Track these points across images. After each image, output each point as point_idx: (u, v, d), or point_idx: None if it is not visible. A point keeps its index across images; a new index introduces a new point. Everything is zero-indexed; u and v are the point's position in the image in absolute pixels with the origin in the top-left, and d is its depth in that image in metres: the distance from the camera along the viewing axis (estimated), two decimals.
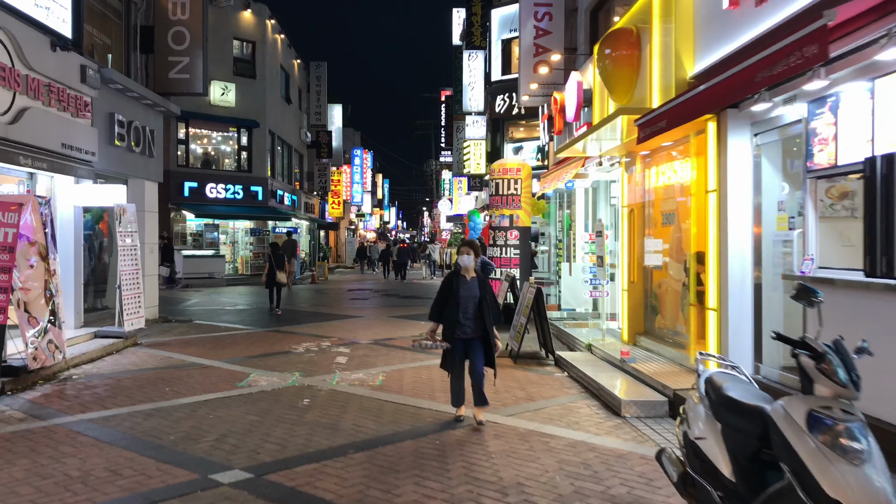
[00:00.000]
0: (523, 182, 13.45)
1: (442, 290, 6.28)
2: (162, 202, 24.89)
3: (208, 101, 25.17)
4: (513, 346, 9.74)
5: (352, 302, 18.35)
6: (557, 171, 11.13)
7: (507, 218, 13.41)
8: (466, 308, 6.08)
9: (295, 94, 33.19)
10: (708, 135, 6.68)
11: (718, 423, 3.55)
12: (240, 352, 10.01)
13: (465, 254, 6.20)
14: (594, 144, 9.34)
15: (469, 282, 6.17)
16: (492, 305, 6.19)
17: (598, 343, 9.53)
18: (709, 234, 6.76)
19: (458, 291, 6.11)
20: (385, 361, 9.29)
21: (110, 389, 7.47)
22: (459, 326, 6.09)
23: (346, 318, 14.49)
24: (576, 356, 9.18)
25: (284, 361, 9.21)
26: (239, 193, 25.93)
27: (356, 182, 48.34)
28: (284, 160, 31.41)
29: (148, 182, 13.24)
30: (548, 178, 11.95)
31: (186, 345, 10.67)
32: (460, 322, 6.08)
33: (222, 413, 6.47)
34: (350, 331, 12.34)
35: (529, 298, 9.61)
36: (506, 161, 13.65)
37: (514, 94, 26.70)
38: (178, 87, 13.60)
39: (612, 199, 11.86)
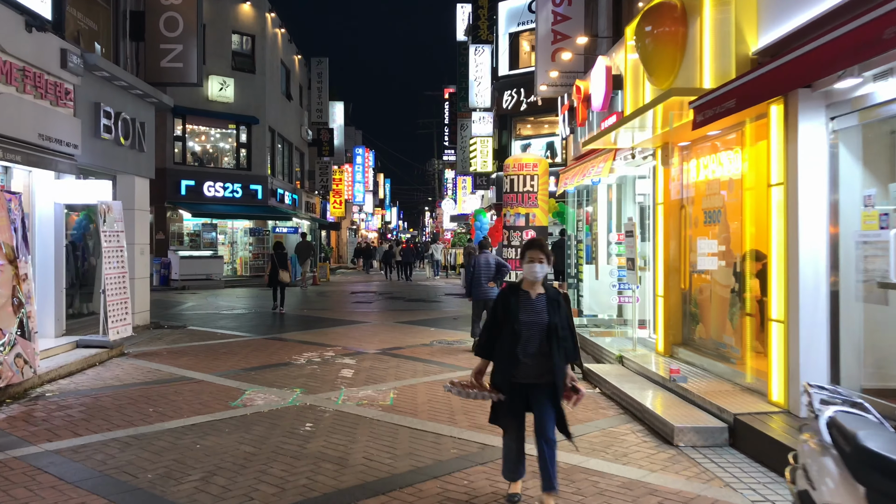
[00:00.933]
0: (540, 178, 12.55)
1: (495, 313, 4.35)
2: (158, 201, 24.10)
3: (206, 96, 24.32)
4: None
5: (355, 306, 17.46)
6: (581, 165, 10.25)
7: (523, 217, 12.51)
8: (530, 340, 4.15)
9: (296, 90, 32.31)
10: (771, 120, 5.79)
11: (861, 487, 2.67)
12: (235, 363, 9.12)
13: (537, 261, 4.24)
14: (626, 135, 8.45)
15: (534, 301, 4.21)
16: (567, 337, 4.27)
17: (630, 354, 8.63)
18: (772, 235, 5.86)
19: (517, 315, 4.17)
20: (395, 375, 8.40)
21: (86, 410, 6.58)
22: (519, 366, 4.17)
23: (351, 323, 13.61)
24: (606, 370, 8.29)
25: (284, 375, 8.32)
26: (238, 192, 25.05)
27: (358, 181, 47.46)
28: (285, 158, 30.53)
29: (138, 178, 12.35)
30: (569, 173, 11.07)
31: (178, 355, 9.78)
32: (519, 359, 4.15)
33: (211, 442, 5.58)
34: (355, 338, 11.45)
35: None
36: (521, 156, 12.75)
37: (521, 89, 25.86)
38: (171, 77, 12.71)
39: (637, 196, 10.97)
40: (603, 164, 8.89)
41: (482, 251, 11.82)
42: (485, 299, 11.03)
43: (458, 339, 11.49)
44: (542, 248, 4.31)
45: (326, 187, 36.71)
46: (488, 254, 11.56)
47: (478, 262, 11.06)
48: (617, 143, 8.58)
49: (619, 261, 9.83)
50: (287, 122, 30.18)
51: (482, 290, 11.00)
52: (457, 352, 10.20)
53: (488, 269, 11.10)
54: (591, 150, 10.47)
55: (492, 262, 11.12)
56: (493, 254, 12.02)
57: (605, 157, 9.06)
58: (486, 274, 11.07)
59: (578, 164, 10.76)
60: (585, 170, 9.74)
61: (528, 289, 4.26)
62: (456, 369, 8.78)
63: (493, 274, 10.95)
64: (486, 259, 11.21)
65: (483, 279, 11.05)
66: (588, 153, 10.64)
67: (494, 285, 11.06)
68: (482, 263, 11.06)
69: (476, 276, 11.05)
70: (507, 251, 12.68)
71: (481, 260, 11.18)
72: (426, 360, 9.47)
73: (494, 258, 11.35)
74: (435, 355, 9.86)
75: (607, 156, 8.97)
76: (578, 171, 10.13)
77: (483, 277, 11.07)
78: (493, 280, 11.01)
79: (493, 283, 11.04)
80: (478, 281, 11.00)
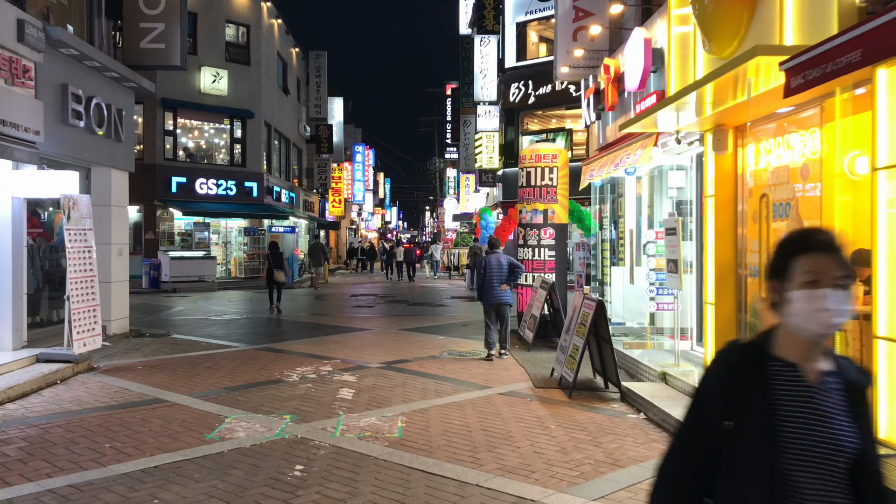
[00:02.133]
0: (560, 171, 11.39)
1: (701, 422, 1.69)
2: (147, 199, 22.93)
3: (198, 88, 23.16)
4: (564, 375, 7.65)
5: (355, 311, 16.26)
6: (610, 154, 9.07)
7: (541, 213, 11.36)
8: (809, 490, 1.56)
9: (293, 84, 31.12)
10: (877, 87, 4.60)
11: None
12: (218, 381, 7.93)
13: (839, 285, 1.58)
14: (668, 117, 7.25)
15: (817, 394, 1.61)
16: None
17: (674, 371, 7.45)
18: (877, 233, 4.68)
19: (778, 432, 1.58)
20: (402, 396, 7.21)
21: (28, 447, 5.39)
22: None
23: (350, 331, 12.41)
24: (650, 390, 7.10)
25: (273, 396, 7.13)
26: (232, 189, 23.86)
27: (357, 180, 46.27)
28: (282, 155, 29.34)
29: (116, 171, 11.15)
30: (594, 164, 9.90)
31: (154, 370, 8.59)
32: None
33: (173, 495, 4.39)
34: (355, 349, 10.26)
35: (586, 314, 7.53)
36: (538, 146, 11.58)
37: (529, 81, 24.65)
38: (152, 59, 11.50)
39: (670, 189, 9.79)
40: (641, 150, 7.71)
41: (492, 251, 10.67)
42: (497, 304, 9.99)
43: (469, 349, 10.31)
44: (845, 256, 1.63)
45: (325, 185, 35.51)
46: (499, 253, 10.42)
47: (488, 264, 9.99)
48: (658, 126, 7.41)
49: (655, 262, 8.65)
50: (284, 118, 28.99)
51: (494, 294, 9.94)
52: (470, 364, 9.02)
53: (500, 270, 10.02)
54: (621, 137, 9.29)
55: (504, 262, 10.05)
56: (503, 253, 10.90)
57: (642, 142, 7.89)
58: (499, 276, 10.00)
59: (606, 153, 9.58)
60: (617, 158, 8.56)
61: (798, 358, 1.64)
62: (472, 388, 7.59)
63: (506, 275, 9.92)
64: (497, 259, 10.14)
65: (495, 282, 9.99)
66: (617, 141, 9.46)
67: (508, 288, 10.03)
68: (493, 265, 10.00)
69: (487, 279, 9.97)
70: (522, 252, 11.53)
71: (492, 261, 10.10)
72: (436, 376, 8.28)
73: (507, 258, 10.24)
74: (446, 369, 8.68)
75: (646, 141, 7.80)
76: (608, 161, 8.96)
77: (495, 280, 10.00)
78: (507, 282, 9.98)
79: (505, 286, 10.02)
80: (489, 284, 9.93)
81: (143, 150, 22.50)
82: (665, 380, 7.46)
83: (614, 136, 9.67)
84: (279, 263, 15.62)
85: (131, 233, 23.03)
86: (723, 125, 7.13)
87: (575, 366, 7.38)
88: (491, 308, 10.05)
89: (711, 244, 7.41)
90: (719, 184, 7.29)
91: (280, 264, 15.68)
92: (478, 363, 9.21)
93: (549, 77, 24.24)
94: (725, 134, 7.12)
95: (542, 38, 26.05)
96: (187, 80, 22.98)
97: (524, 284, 11.54)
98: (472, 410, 6.63)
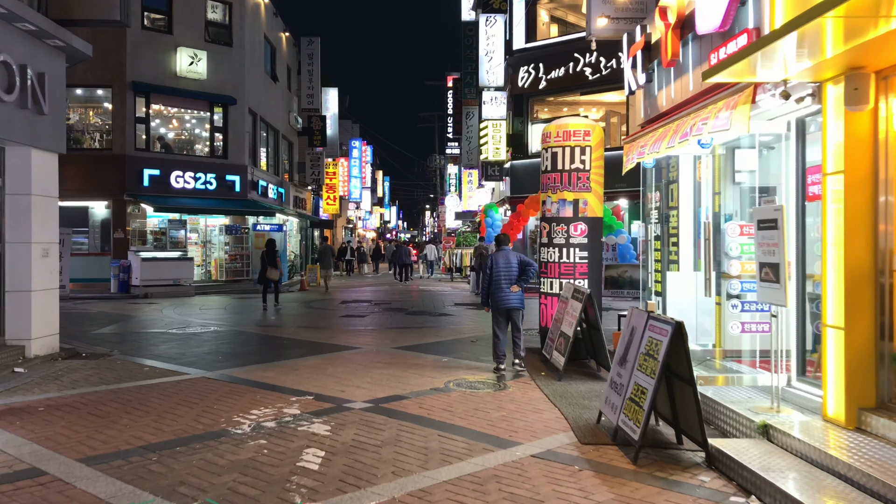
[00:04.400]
0: (594, 151, 9.16)
1: None
2: (116, 193, 20.64)
3: (174, 71, 20.92)
4: (622, 427, 5.39)
5: (344, 321, 14.00)
6: (674, 122, 6.81)
7: (570, 205, 9.14)
8: None
9: (282, 72, 28.87)
10: None
11: None
12: (138, 432, 5.69)
13: None
14: (773, 61, 5.02)
15: None
16: None
17: (779, 421, 5.21)
18: None
19: None
20: (393, 462, 4.96)
21: None
22: None
23: (334, 350, 10.16)
24: (754, 453, 4.85)
25: (204, 465, 4.88)
26: (211, 183, 21.61)
27: (354, 176, 44.03)
28: (269, 147, 27.08)
29: (38, 152, 8.90)
30: (645, 139, 7.63)
31: (58, 413, 6.34)
32: None
33: None
34: (336, 377, 8.00)
35: (655, 342, 5.28)
36: (567, 121, 9.34)
37: (540, 64, 22.40)
38: (84, 13, 9.21)
39: (737, 173, 7.56)
40: (728, 112, 5.46)
41: (500, 248, 8.80)
42: (507, 308, 8.40)
43: (481, 377, 8.06)
44: None
45: (319, 181, 33.23)
46: (507, 250, 8.67)
47: (495, 262, 8.43)
48: (757, 74, 5.19)
49: (739, 266, 6.40)
50: (272, 106, 26.73)
51: (503, 297, 8.34)
52: (485, 401, 6.76)
53: (509, 269, 8.41)
54: (685, 101, 7.02)
55: (513, 260, 8.43)
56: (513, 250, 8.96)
57: (728, 100, 5.64)
58: (508, 276, 8.39)
59: (662, 123, 7.34)
60: (685, 126, 6.31)
61: None
62: (493, 444, 5.33)
63: (517, 275, 8.35)
64: (505, 257, 8.50)
65: (503, 282, 8.37)
66: (677, 108, 7.21)
67: (519, 289, 8.36)
68: (501, 263, 8.43)
69: (494, 280, 8.39)
70: (546, 252, 9.30)
71: (500, 259, 8.47)
72: (442, 423, 6.03)
73: (517, 255, 8.55)
74: (454, 411, 6.43)
75: (733, 99, 5.56)
76: (668, 132, 6.71)
77: (503, 280, 8.38)
78: (517, 283, 8.36)
79: (516, 287, 8.36)
80: (497, 285, 8.36)
81: (111, 140, 20.28)
82: (768, 435, 5.22)
83: (671, 103, 7.44)
84: (273, 261, 15.70)
85: (99, 231, 20.83)
86: (860, 69, 4.90)
87: (642, 417, 5.12)
88: (500, 313, 8.45)
89: (835, 243, 5.18)
90: (851, 155, 5.04)
91: (274, 262, 15.76)
92: (494, 399, 6.96)
93: (562, 59, 22.04)
94: (866, 82, 4.88)
95: (553, 17, 23.81)
96: (161, 62, 20.75)
97: (549, 293, 9.30)
98: (499, 493, 4.39)
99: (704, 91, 6.48)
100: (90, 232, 20.70)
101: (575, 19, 23.34)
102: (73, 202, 20.05)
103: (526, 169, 22.86)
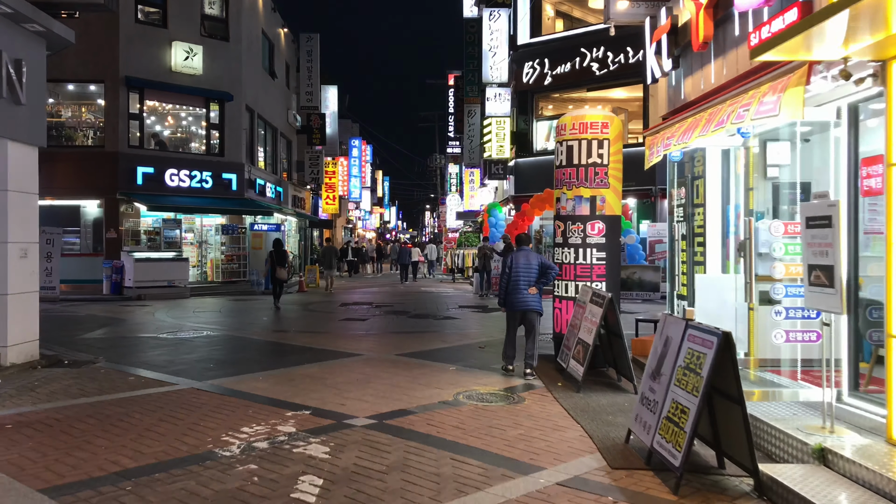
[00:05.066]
0: (612, 145, 8.55)
1: None
2: (108, 192, 19.97)
3: (169, 66, 20.31)
4: (658, 450, 4.77)
5: (345, 325, 13.38)
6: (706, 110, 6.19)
7: (587, 202, 8.53)
8: None
9: (281, 68, 28.26)
10: None
11: None
12: (114, 455, 5.07)
13: None
14: (830, 37, 4.42)
15: None
16: None
17: (836, 444, 4.60)
18: None
19: None
20: (402, 494, 4.33)
21: None
22: None
23: (334, 356, 9.55)
24: (813, 483, 4.24)
25: (182, 499, 4.26)
26: (207, 182, 21.00)
27: (353, 175, 43.41)
28: (268, 145, 26.47)
29: (14, 144, 8.27)
30: (671, 129, 7.01)
31: (28, 430, 5.72)
32: None
33: None
34: (336, 388, 7.39)
35: (697, 355, 4.66)
36: (584, 113, 8.73)
37: (545, 59, 21.79)
38: None
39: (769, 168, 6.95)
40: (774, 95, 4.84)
41: (520, 247, 8.46)
42: (524, 310, 8.15)
43: (493, 387, 7.45)
44: None
45: (318, 181, 32.60)
46: (528, 251, 8.37)
47: (515, 263, 8.17)
48: (813, 52, 4.58)
49: (783, 268, 5.78)
50: (270, 103, 26.12)
51: (520, 298, 8.11)
52: (499, 416, 6.14)
53: (529, 270, 8.16)
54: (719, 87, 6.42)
55: (534, 261, 8.16)
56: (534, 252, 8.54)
57: (773, 83, 5.02)
58: (527, 277, 8.15)
59: (691, 112, 6.73)
60: (721, 113, 5.69)
61: None
62: (512, 469, 4.71)
63: (536, 277, 8.10)
64: (526, 258, 8.23)
65: (521, 283, 8.13)
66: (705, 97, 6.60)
67: (536, 291, 8.12)
68: (521, 263, 8.18)
69: (513, 281, 8.16)
70: (560, 252, 8.69)
71: (520, 259, 8.20)
72: (454, 443, 5.41)
73: (538, 256, 8.31)
74: (466, 428, 5.82)
75: (780, 82, 4.94)
76: (701, 121, 6.09)
77: (521, 281, 8.15)
78: (535, 285, 8.12)
79: (534, 290, 8.12)
80: (515, 286, 8.21)
81: (103, 137, 19.66)
82: (825, 460, 4.61)
83: (700, 91, 6.83)
84: (282, 261, 15.92)
85: (91, 231, 20.21)
86: None
87: (683, 441, 4.51)
88: (516, 315, 8.26)
89: None
90: None
91: (283, 262, 15.97)
92: (510, 413, 6.34)
93: (568, 54, 21.43)
94: None
95: (558, 11, 23.22)
96: (156, 57, 20.14)
97: (564, 296, 8.69)
98: None
99: (743, 75, 5.87)
100: (82, 232, 20.08)
101: (581, 14, 22.74)
102: (65, 201, 19.45)
103: (530, 167, 22.26)
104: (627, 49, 19.94)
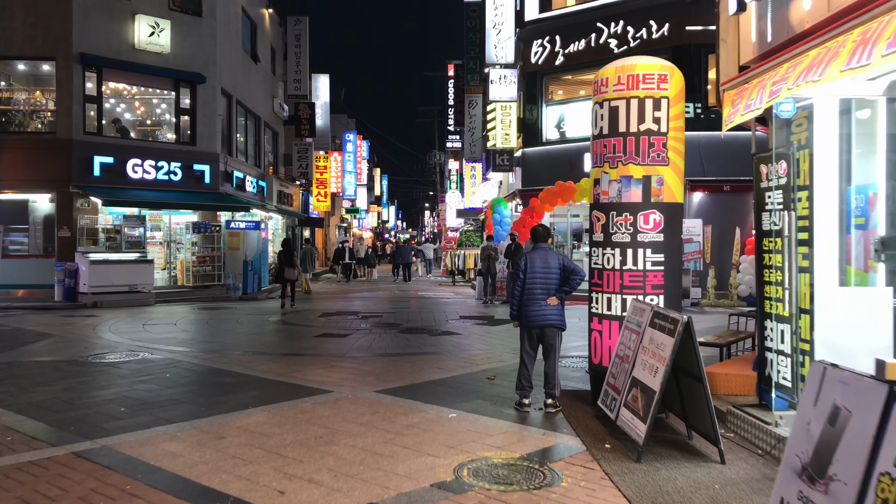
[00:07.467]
0: (671, 107, 6.22)
1: None
2: (60, 184, 17.47)
3: (131, 42, 17.96)
4: None
5: (319, 344, 10.98)
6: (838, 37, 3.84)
7: (639, 184, 6.23)
8: None
9: (265, 52, 25.91)
10: None
11: None
12: None
13: None
14: None
15: None
16: None
17: None
18: None
19: None
20: None
21: None
22: None
23: (291, 395, 7.17)
24: None
25: None
26: (176, 173, 18.64)
27: (348, 171, 41.05)
28: (249, 135, 24.12)
29: None
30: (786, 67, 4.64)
31: None
32: None
33: None
34: (279, 457, 5.01)
35: None
36: (633, 62, 6.38)
37: (556, 36, 19.38)
38: None
39: None
40: None
41: (536, 245, 6.40)
42: (542, 325, 6.31)
43: (511, 452, 5.07)
44: None
45: (307, 176, 30.23)
46: (547, 249, 6.45)
47: (530, 265, 6.32)
48: None
49: None
50: (251, 90, 23.76)
51: (537, 311, 6.25)
52: None
53: (547, 274, 6.27)
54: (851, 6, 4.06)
55: (553, 262, 6.29)
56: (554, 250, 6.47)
57: None
58: (545, 283, 6.27)
59: (804, 45, 4.38)
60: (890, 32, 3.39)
61: None
62: None
63: (556, 283, 6.25)
64: (543, 258, 6.32)
65: (538, 291, 6.27)
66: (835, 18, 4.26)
67: (558, 302, 6.30)
68: (538, 267, 6.30)
69: (529, 288, 6.31)
70: (601, 255, 6.35)
71: (536, 261, 6.33)
72: None
73: (558, 256, 6.24)
74: None
75: None
76: (846, 46, 3.75)
77: (538, 289, 6.28)
78: (556, 294, 6.27)
79: (554, 300, 6.26)
80: (530, 295, 6.29)
81: (55, 122, 17.29)
82: None
83: (824, 12, 4.50)
84: (290, 261, 15.89)
85: (41, 229, 17.85)
86: None
87: None
88: (532, 331, 6.38)
89: None
90: None
91: (291, 262, 15.96)
92: None
93: (582, 30, 19.04)
94: None
95: None
96: (116, 32, 17.79)
97: (605, 315, 6.33)
98: None
99: None
100: (30, 229, 17.73)
101: None
102: (10, 194, 17.14)
103: (539, 158, 19.93)
104: (650, 22, 17.59)
